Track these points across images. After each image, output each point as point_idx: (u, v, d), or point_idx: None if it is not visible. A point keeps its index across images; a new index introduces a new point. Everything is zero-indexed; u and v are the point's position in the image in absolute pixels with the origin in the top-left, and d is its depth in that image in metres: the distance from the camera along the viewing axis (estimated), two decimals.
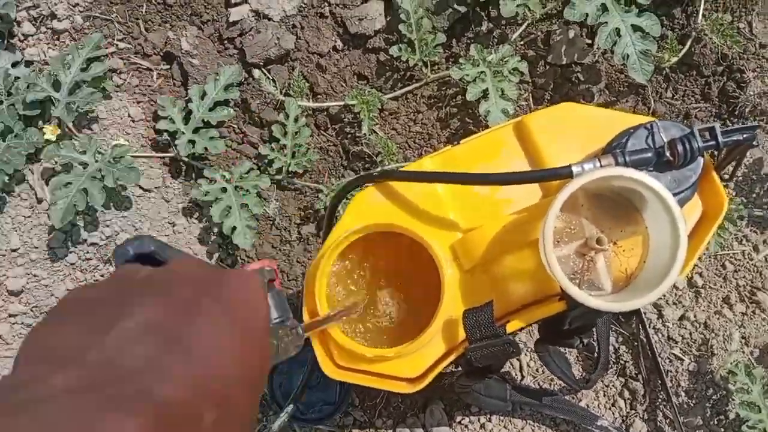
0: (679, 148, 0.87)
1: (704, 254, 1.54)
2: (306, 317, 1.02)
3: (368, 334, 1.06)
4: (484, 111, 1.43)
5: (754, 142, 0.89)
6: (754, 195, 1.54)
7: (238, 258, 1.58)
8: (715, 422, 1.47)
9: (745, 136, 0.88)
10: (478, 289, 1.02)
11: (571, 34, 1.52)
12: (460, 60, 1.46)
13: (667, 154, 0.89)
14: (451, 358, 1.01)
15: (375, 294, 1.08)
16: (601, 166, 0.88)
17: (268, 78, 1.54)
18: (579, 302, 0.86)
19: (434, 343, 1.01)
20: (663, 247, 0.89)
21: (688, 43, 1.47)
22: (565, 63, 1.53)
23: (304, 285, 1.05)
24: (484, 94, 1.44)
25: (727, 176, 1.02)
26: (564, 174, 0.88)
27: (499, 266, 1.01)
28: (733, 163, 0.99)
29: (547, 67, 1.55)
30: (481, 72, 1.45)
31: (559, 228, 0.97)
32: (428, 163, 1.06)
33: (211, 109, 1.51)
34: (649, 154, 0.89)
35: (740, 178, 1.54)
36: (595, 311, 0.90)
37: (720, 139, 0.87)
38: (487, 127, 1.43)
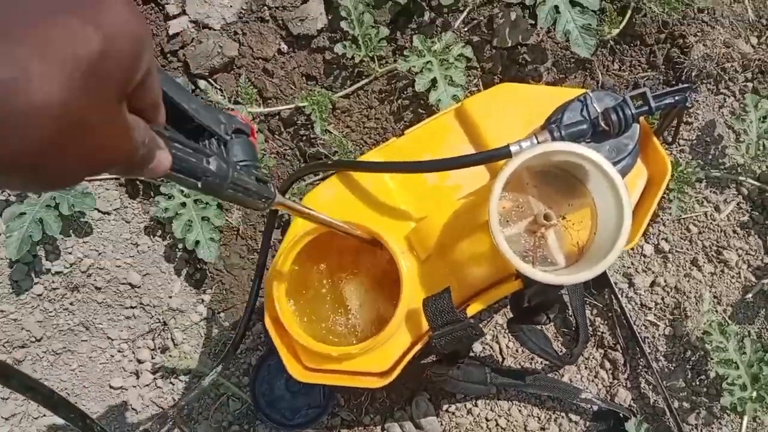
0: (613, 117, 0.88)
1: (668, 219, 1.55)
2: (269, 325, 1.02)
3: (335, 332, 1.07)
4: (434, 100, 1.44)
5: (688, 103, 0.90)
6: (709, 156, 1.55)
7: (207, 272, 1.57)
8: (697, 383, 1.49)
9: (677, 98, 0.89)
10: (436, 277, 1.03)
11: (513, 15, 1.53)
12: (406, 52, 1.47)
13: (602, 124, 0.89)
14: (418, 347, 1.02)
15: (338, 291, 1.09)
16: (538, 142, 0.89)
17: (215, 88, 1.54)
18: (533, 279, 0.86)
19: (400, 335, 1.02)
20: (610, 217, 0.90)
21: (628, 14, 1.48)
22: (510, 45, 1.54)
23: (265, 291, 1.05)
24: (433, 84, 1.45)
25: (669, 139, 1.03)
26: (503, 154, 0.89)
27: (455, 252, 1.02)
28: (674, 126, 1.00)
29: (494, 50, 1.56)
30: (428, 62, 1.46)
31: (508, 208, 0.98)
32: (376, 156, 1.06)
33: None
34: (585, 126, 0.89)
35: (695, 141, 1.56)
36: (550, 286, 0.91)
37: (652, 103, 0.88)
38: None
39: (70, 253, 1.50)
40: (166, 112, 0.48)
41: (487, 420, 1.54)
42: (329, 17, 1.53)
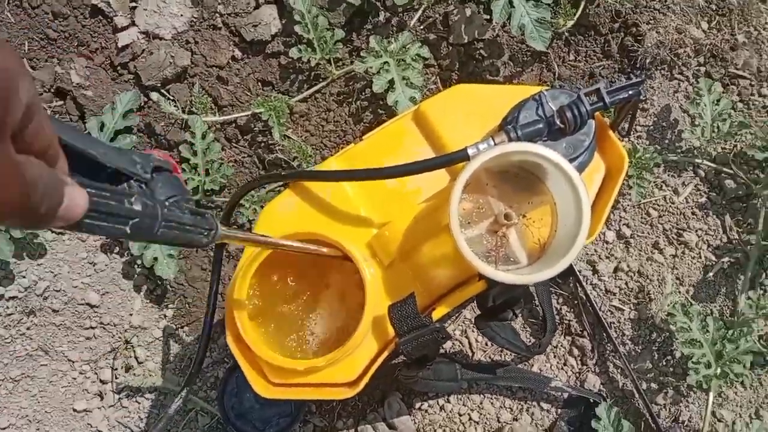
0: (568, 114, 0.88)
1: (628, 205, 1.57)
2: (231, 342, 1.00)
3: (300, 345, 1.05)
4: (392, 101, 1.42)
5: (642, 96, 0.90)
6: (666, 141, 1.57)
7: (168, 287, 1.54)
8: (664, 363, 1.51)
9: (630, 92, 0.90)
10: (400, 283, 1.02)
11: (468, 12, 1.52)
12: (362, 53, 1.45)
13: (558, 122, 0.89)
14: (385, 354, 1.01)
15: (301, 302, 1.07)
16: (495, 144, 0.88)
17: (168, 99, 1.50)
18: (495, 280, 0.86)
19: (366, 343, 1.01)
20: (569, 213, 0.91)
21: (582, 5, 1.49)
22: (466, 41, 1.54)
23: (225, 308, 1.03)
24: (391, 85, 1.43)
25: (624, 132, 1.04)
26: (460, 157, 0.88)
27: (418, 256, 1.01)
28: (629, 119, 1.00)
29: (450, 47, 1.55)
30: (384, 62, 1.44)
31: (468, 209, 0.97)
32: (334, 163, 1.05)
33: (112, 140, 1.46)
34: (541, 125, 0.89)
35: (651, 126, 1.58)
36: (514, 285, 0.91)
37: (606, 99, 0.88)
38: None
39: (24, 277, 1.45)
40: (73, 162, 0.44)
41: (460, 415, 1.54)
42: (283, 21, 1.51)
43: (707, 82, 1.49)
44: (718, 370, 1.38)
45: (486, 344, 1.58)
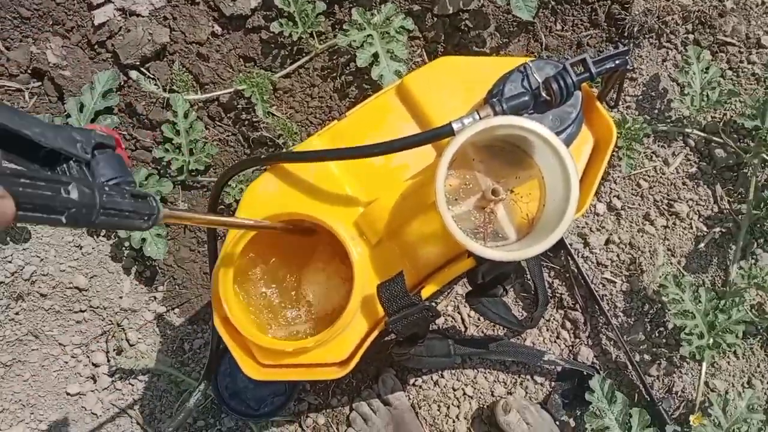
0: (554, 86, 0.86)
1: (618, 176, 1.56)
2: (218, 325, 0.99)
3: (289, 326, 1.04)
4: (377, 75, 1.40)
5: (629, 66, 0.88)
6: (655, 111, 1.55)
7: (158, 268, 1.52)
8: (656, 335, 1.52)
9: (617, 62, 0.87)
10: (389, 261, 1.00)
11: None
12: (345, 26, 1.42)
13: (543, 94, 0.87)
14: (375, 333, 1.00)
15: (289, 283, 1.06)
16: (480, 118, 0.86)
17: (148, 77, 1.46)
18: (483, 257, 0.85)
19: (356, 323, 1.00)
20: (557, 187, 0.89)
21: None
22: (451, 12, 1.50)
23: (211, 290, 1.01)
24: (375, 59, 1.40)
25: (612, 103, 1.02)
26: (445, 133, 0.86)
27: (405, 234, 1.00)
28: (616, 89, 0.98)
29: (435, 19, 1.52)
30: (368, 35, 1.41)
31: (455, 185, 0.95)
32: (317, 142, 1.03)
33: (93, 120, 1.43)
34: (526, 98, 0.87)
35: (640, 96, 1.56)
36: (503, 262, 0.90)
37: (593, 69, 0.86)
38: None
39: (10, 262, 1.43)
40: (7, 144, 0.42)
41: (454, 390, 1.55)
42: None
43: (696, 50, 1.47)
44: (711, 341, 1.38)
45: (478, 319, 1.58)
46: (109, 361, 1.51)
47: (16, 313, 1.45)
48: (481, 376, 1.55)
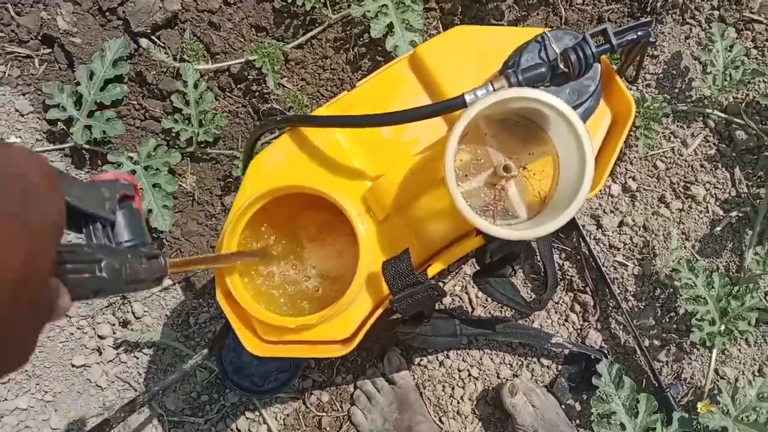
0: (573, 57, 0.83)
1: (635, 157, 1.52)
2: (221, 299, 0.97)
3: (293, 301, 1.02)
4: (391, 46, 1.36)
5: (651, 38, 0.85)
6: (676, 90, 1.51)
7: (164, 241, 1.51)
8: (667, 320, 1.49)
9: (639, 33, 0.84)
10: (395, 238, 0.98)
11: None
12: None
13: (561, 65, 0.84)
14: (380, 311, 0.98)
15: (294, 258, 1.04)
16: (494, 89, 0.83)
17: (159, 46, 1.44)
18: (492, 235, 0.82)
19: (360, 300, 0.98)
20: (572, 165, 0.86)
21: None
22: None
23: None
24: (390, 29, 1.37)
25: (631, 78, 0.98)
26: (457, 104, 0.83)
27: (413, 210, 0.97)
28: (636, 63, 0.95)
29: None
30: (383, 5, 1.37)
31: (466, 161, 0.93)
32: (326, 112, 1.00)
33: (102, 89, 1.41)
34: (543, 69, 0.84)
35: (660, 74, 1.51)
36: (513, 240, 0.87)
37: (613, 41, 0.83)
38: None
39: None
40: None
41: (460, 371, 1.53)
42: None
43: (720, 27, 1.42)
44: (723, 327, 1.35)
45: (486, 300, 1.56)
46: (114, 333, 1.50)
47: None
48: (487, 358, 1.54)
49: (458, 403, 1.51)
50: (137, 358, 1.51)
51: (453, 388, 1.52)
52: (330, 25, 1.47)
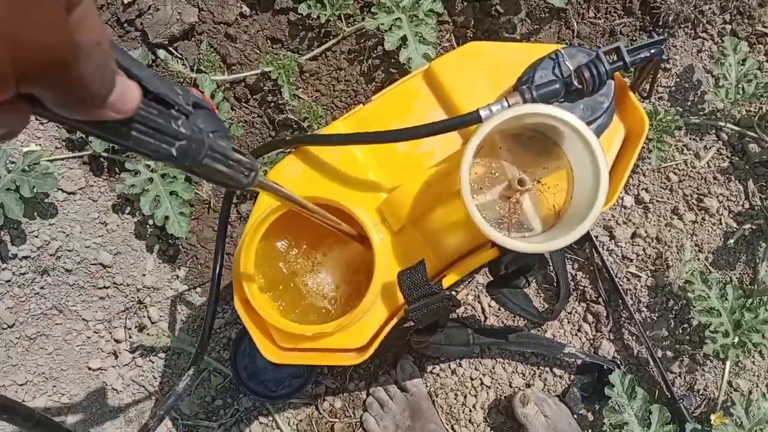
0: (587, 74, 0.84)
1: (648, 169, 1.53)
2: (239, 307, 0.99)
3: (309, 310, 1.04)
4: (405, 59, 1.38)
5: (664, 56, 0.86)
6: (688, 103, 1.52)
7: (180, 247, 1.53)
8: (680, 331, 1.49)
9: (652, 51, 0.85)
10: (410, 249, 1.00)
11: None
12: (374, 9, 1.40)
13: (575, 82, 0.85)
14: (395, 321, 0.99)
15: (311, 267, 1.05)
16: (509, 105, 0.84)
17: (176, 57, 1.46)
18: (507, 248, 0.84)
19: (376, 310, 0.99)
20: (586, 179, 0.87)
21: None
22: None
23: (233, 271, 1.01)
24: (403, 42, 1.39)
25: (645, 94, 0.99)
26: (472, 120, 0.84)
27: (428, 221, 0.99)
28: (650, 80, 0.96)
29: (465, 3, 1.49)
30: (396, 18, 1.39)
31: (481, 174, 0.94)
32: (341, 126, 1.02)
33: None
34: (557, 86, 0.85)
35: (673, 88, 1.52)
36: (526, 253, 0.88)
37: (627, 58, 0.84)
38: None
39: (36, 237, 1.45)
40: None
41: (472, 379, 1.54)
42: None
43: (733, 41, 1.42)
44: (736, 339, 1.35)
45: (499, 309, 1.57)
46: (130, 337, 1.53)
47: (41, 288, 1.47)
48: (499, 367, 1.54)
49: (470, 411, 1.52)
50: (152, 362, 1.53)
51: (465, 397, 1.53)
52: (344, 38, 1.49)
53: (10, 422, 0.64)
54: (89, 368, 1.52)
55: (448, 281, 0.96)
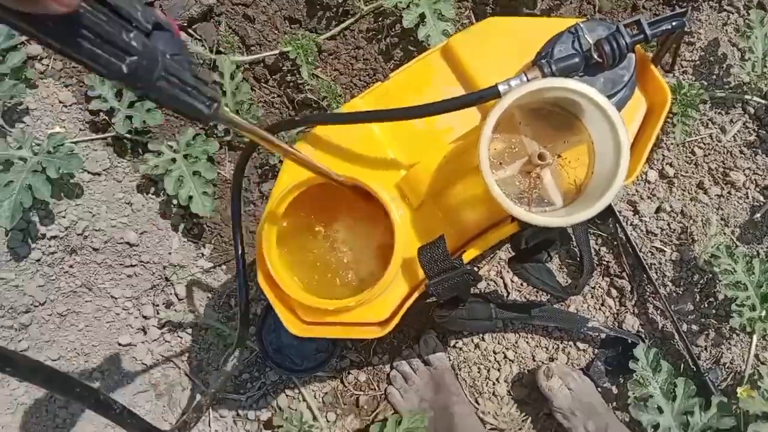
0: (606, 47, 0.83)
1: (672, 143, 1.51)
2: (262, 283, 1.01)
3: (332, 284, 1.05)
4: (423, 36, 1.37)
5: (686, 28, 0.84)
6: (713, 77, 1.49)
7: (205, 226, 1.56)
8: (705, 305, 1.48)
9: (674, 23, 0.84)
10: (430, 224, 1.00)
11: None
12: None
13: (595, 56, 0.84)
14: (416, 295, 1.00)
15: (333, 243, 1.07)
16: (528, 80, 0.84)
17: (196, 38, 1.47)
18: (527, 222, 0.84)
19: (397, 285, 1.00)
20: (607, 153, 0.86)
21: None
22: None
23: (255, 247, 1.03)
24: (422, 19, 1.38)
25: (667, 67, 0.97)
26: (491, 95, 0.84)
27: (448, 197, 0.99)
28: (672, 53, 0.94)
29: None
30: None
31: (500, 149, 0.94)
32: (360, 103, 1.02)
33: None
34: (577, 60, 0.84)
35: (698, 61, 1.49)
36: (546, 227, 0.88)
37: (648, 31, 0.83)
38: None
39: (64, 217, 1.48)
40: None
41: (495, 353, 1.55)
42: None
43: (759, 14, 1.39)
44: (763, 313, 1.34)
45: (521, 284, 1.57)
46: (158, 314, 1.56)
47: (71, 266, 1.51)
48: (522, 341, 1.55)
49: (494, 384, 1.54)
50: (180, 338, 1.57)
51: (489, 370, 1.54)
52: (362, 17, 1.48)
53: (14, 375, 0.64)
54: (119, 344, 1.56)
55: (468, 256, 0.96)
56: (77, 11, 0.40)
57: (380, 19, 1.48)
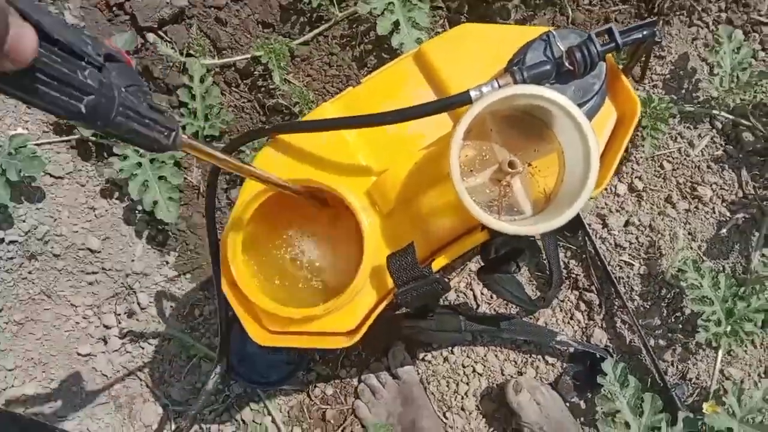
0: (578, 55, 0.83)
1: (641, 157, 1.52)
2: (227, 290, 0.98)
3: (299, 293, 1.03)
4: (397, 44, 1.37)
5: (657, 38, 0.85)
6: (683, 91, 1.51)
7: (170, 233, 1.52)
8: (672, 320, 1.49)
9: (644, 33, 0.84)
10: (400, 232, 0.99)
11: None
12: None
13: (566, 63, 0.84)
14: (385, 303, 0.98)
15: (300, 250, 1.04)
16: (499, 86, 0.83)
17: (166, 40, 1.45)
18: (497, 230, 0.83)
19: (365, 293, 0.99)
20: (577, 162, 0.86)
21: None
22: None
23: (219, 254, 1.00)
24: (396, 26, 1.37)
25: (638, 78, 0.98)
26: (462, 101, 0.83)
27: (418, 205, 0.98)
28: (642, 63, 0.95)
29: None
30: (389, 3, 1.38)
31: (471, 156, 0.93)
32: (330, 108, 1.00)
33: None
34: (548, 67, 0.84)
35: (668, 75, 1.51)
36: (517, 236, 0.88)
37: (618, 39, 0.83)
38: None
39: (24, 221, 1.43)
40: None
41: (464, 366, 1.53)
42: None
43: (727, 29, 1.41)
44: (729, 328, 1.35)
45: (491, 297, 1.56)
46: (119, 323, 1.52)
47: (29, 272, 1.46)
48: (491, 354, 1.54)
49: (462, 398, 1.52)
50: (142, 348, 1.53)
51: (457, 384, 1.53)
52: (336, 23, 1.47)
53: None
54: (78, 354, 1.51)
55: (437, 264, 0.95)
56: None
57: (354, 25, 1.47)
